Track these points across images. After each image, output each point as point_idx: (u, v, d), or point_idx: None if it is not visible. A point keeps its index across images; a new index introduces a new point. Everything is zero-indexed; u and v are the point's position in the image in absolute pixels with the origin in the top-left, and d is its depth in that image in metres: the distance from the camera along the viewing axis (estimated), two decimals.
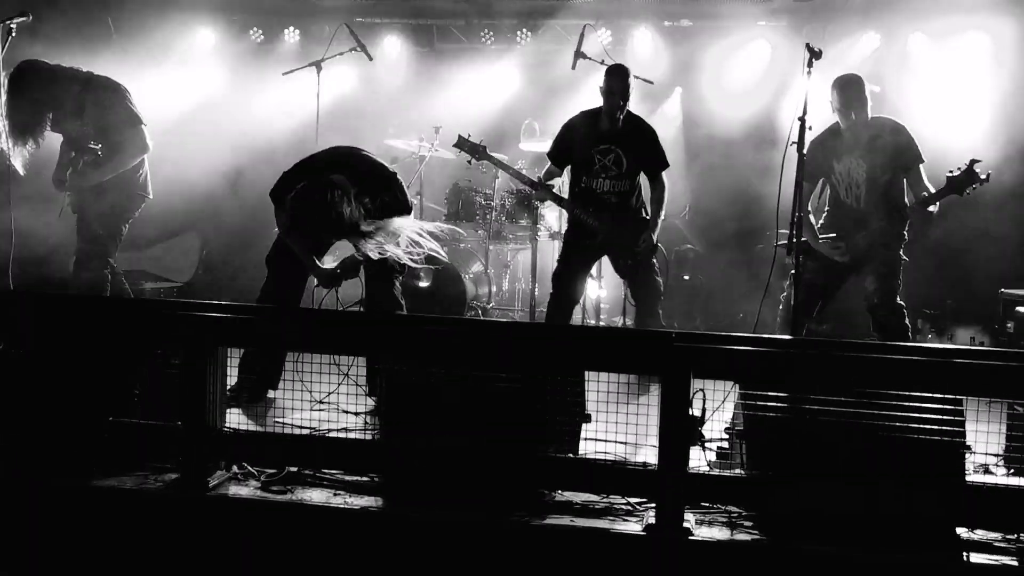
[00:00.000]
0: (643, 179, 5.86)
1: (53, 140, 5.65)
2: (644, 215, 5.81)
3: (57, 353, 3.85)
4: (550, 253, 8.15)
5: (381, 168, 4.86)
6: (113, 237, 5.69)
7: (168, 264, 8.78)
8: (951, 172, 5.04)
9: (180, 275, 9.04)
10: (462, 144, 5.90)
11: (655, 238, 5.73)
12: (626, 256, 5.71)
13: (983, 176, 4.98)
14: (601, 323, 8.00)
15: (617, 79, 5.60)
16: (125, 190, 5.63)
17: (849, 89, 5.30)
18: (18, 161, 5.38)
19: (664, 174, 5.79)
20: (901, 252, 5.39)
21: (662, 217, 5.80)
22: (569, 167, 5.93)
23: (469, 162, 5.99)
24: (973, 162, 4.99)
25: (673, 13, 8.74)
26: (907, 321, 5.38)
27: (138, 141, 5.57)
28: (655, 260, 5.81)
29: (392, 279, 4.97)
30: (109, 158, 5.49)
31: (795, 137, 4.50)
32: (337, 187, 4.40)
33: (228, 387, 4.20)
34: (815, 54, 4.54)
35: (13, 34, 5.20)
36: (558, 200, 5.93)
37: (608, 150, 5.64)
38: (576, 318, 7.57)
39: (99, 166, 5.48)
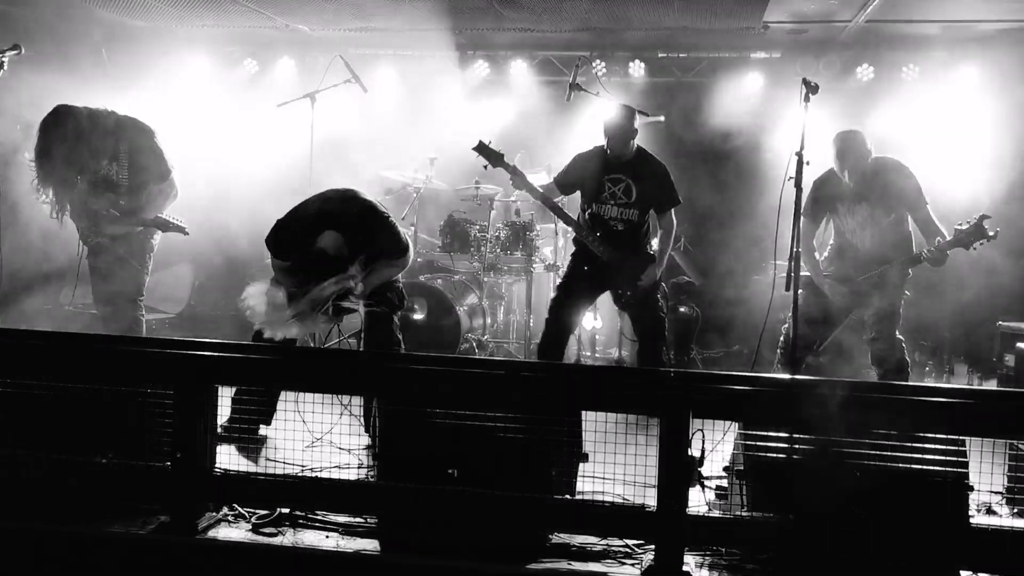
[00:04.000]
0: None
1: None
2: (651, 251, 5.77)
3: (45, 392, 3.78)
4: (545, 285, 8.12)
5: (372, 216, 4.83)
6: (145, 270, 5.62)
7: (160, 295, 8.71)
8: (960, 225, 5.02)
9: (172, 306, 8.98)
10: (482, 149, 5.76)
11: (659, 274, 5.67)
12: (627, 288, 5.65)
13: (991, 233, 4.95)
14: (596, 355, 7.96)
15: (622, 118, 5.59)
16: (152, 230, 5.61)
17: (848, 145, 5.28)
18: (48, 206, 5.31)
19: (674, 211, 5.74)
20: (905, 290, 5.37)
21: (668, 254, 5.73)
22: (580, 196, 5.87)
23: (485, 167, 5.87)
24: (983, 218, 4.97)
25: (668, 45, 8.78)
26: (906, 356, 5.34)
27: (172, 190, 5.51)
28: (659, 296, 5.76)
29: (391, 315, 4.93)
30: (145, 206, 5.40)
31: (792, 172, 4.47)
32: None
33: (220, 424, 4.15)
34: (812, 89, 4.52)
35: (5, 67, 5.16)
36: (565, 219, 5.83)
37: (618, 179, 5.61)
38: (572, 350, 7.53)
39: (136, 212, 5.39)
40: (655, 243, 5.84)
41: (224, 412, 4.55)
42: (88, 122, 5.27)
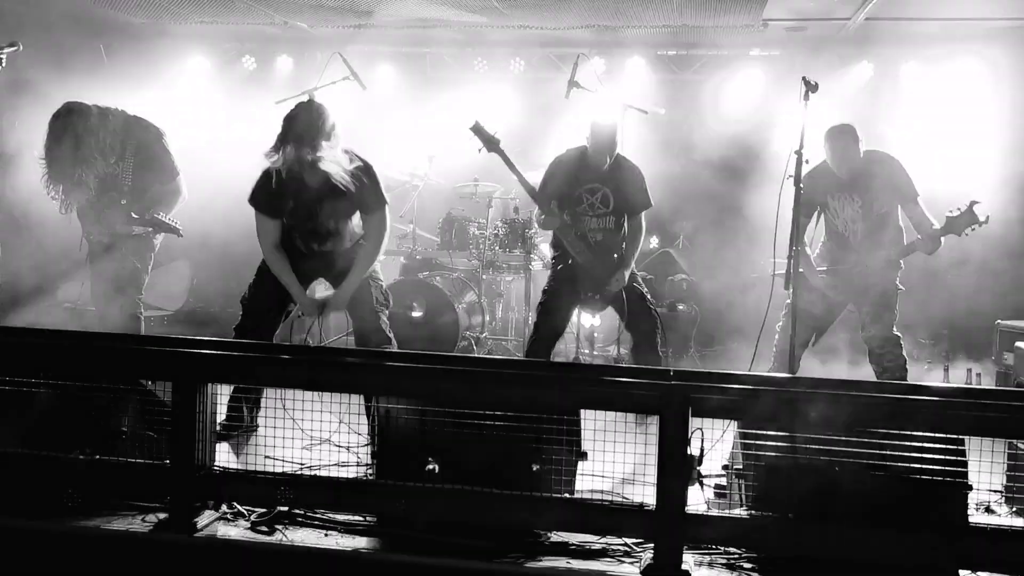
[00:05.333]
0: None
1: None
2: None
3: (42, 390, 3.78)
4: (544, 282, 8.12)
5: (355, 159, 4.83)
6: (146, 269, 5.62)
7: (158, 292, 8.71)
8: (951, 212, 5.02)
9: (170, 303, 8.97)
10: (478, 130, 5.62)
11: (627, 277, 5.59)
12: (594, 292, 5.61)
13: (982, 219, 4.95)
14: (595, 352, 7.95)
15: (612, 131, 5.56)
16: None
17: (839, 142, 5.28)
18: (57, 202, 5.32)
19: (644, 214, 5.73)
20: (897, 283, 5.37)
21: (635, 256, 5.70)
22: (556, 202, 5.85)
23: (480, 150, 5.75)
24: (973, 203, 4.97)
25: (666, 43, 8.78)
26: (904, 354, 5.34)
27: (179, 191, 5.52)
28: (647, 293, 5.74)
29: (379, 312, 4.93)
30: (151, 207, 5.38)
31: (792, 171, 4.46)
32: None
33: (219, 422, 4.15)
34: (811, 87, 4.52)
35: (3, 64, 5.14)
36: (559, 224, 5.79)
37: (595, 188, 5.60)
38: (570, 347, 7.53)
39: (140, 211, 5.39)
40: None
41: (222, 411, 4.56)
42: (98, 120, 5.29)
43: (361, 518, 3.64)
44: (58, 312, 7.77)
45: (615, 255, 5.63)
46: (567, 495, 3.53)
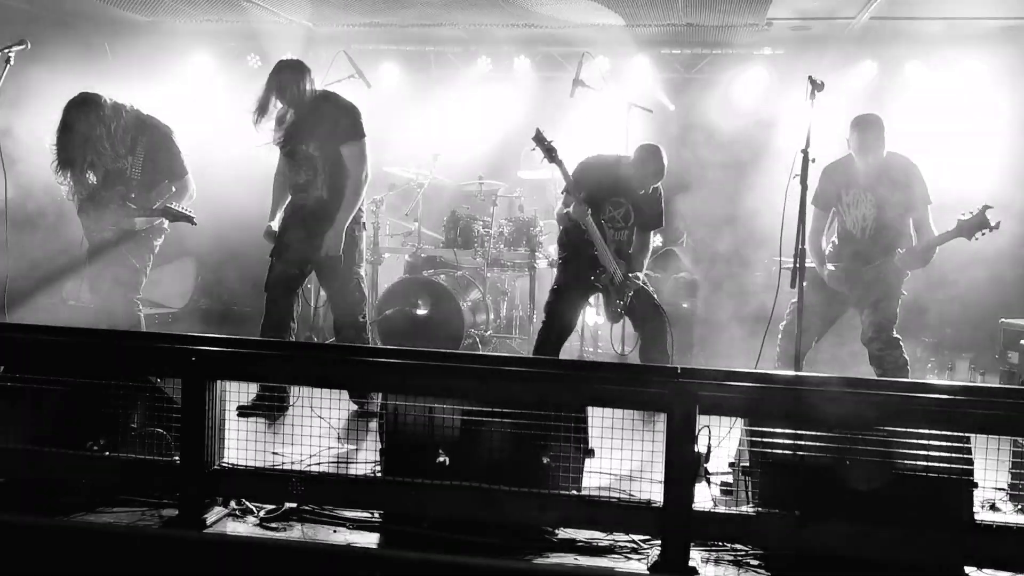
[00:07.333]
0: None
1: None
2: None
3: (51, 386, 3.80)
4: (548, 280, 8.10)
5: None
6: (144, 270, 5.65)
7: (164, 290, 8.73)
8: (963, 215, 5.01)
9: (175, 301, 8.99)
10: (540, 139, 5.59)
11: (643, 278, 5.68)
12: (614, 299, 5.64)
13: (994, 223, 4.95)
14: (599, 350, 7.96)
15: (652, 166, 5.53)
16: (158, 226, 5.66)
17: (868, 131, 5.27)
18: (65, 189, 5.43)
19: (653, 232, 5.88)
20: (902, 288, 5.37)
21: (644, 264, 5.78)
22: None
23: (542, 160, 5.64)
24: (985, 208, 4.96)
25: (671, 41, 8.78)
26: (904, 355, 5.34)
27: (187, 189, 5.59)
28: (655, 292, 5.75)
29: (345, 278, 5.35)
30: (158, 202, 5.44)
31: (798, 170, 4.47)
32: None
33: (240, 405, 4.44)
34: (817, 86, 4.52)
35: (11, 62, 5.17)
36: (592, 228, 5.74)
37: (620, 203, 5.63)
38: (574, 345, 7.54)
39: (143, 202, 5.43)
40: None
41: (231, 408, 4.59)
42: (111, 112, 5.37)
43: (369, 514, 3.65)
44: (62, 309, 7.79)
45: (626, 263, 5.65)
46: (574, 492, 3.55)
